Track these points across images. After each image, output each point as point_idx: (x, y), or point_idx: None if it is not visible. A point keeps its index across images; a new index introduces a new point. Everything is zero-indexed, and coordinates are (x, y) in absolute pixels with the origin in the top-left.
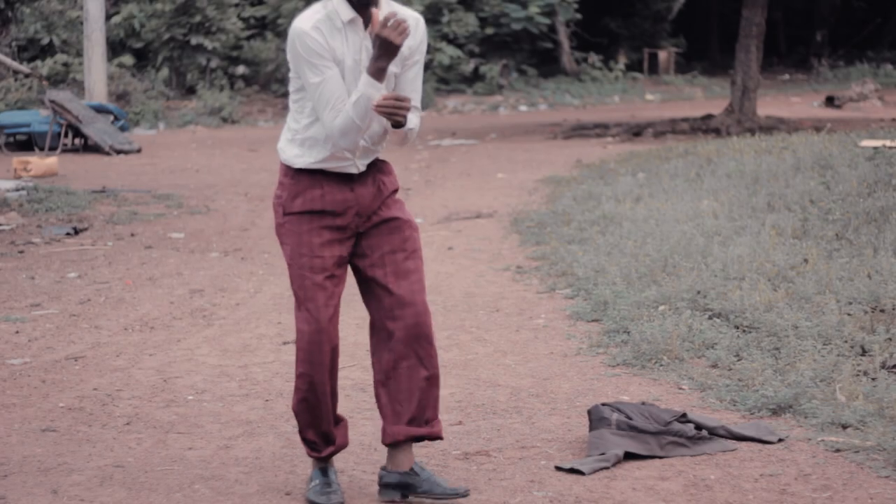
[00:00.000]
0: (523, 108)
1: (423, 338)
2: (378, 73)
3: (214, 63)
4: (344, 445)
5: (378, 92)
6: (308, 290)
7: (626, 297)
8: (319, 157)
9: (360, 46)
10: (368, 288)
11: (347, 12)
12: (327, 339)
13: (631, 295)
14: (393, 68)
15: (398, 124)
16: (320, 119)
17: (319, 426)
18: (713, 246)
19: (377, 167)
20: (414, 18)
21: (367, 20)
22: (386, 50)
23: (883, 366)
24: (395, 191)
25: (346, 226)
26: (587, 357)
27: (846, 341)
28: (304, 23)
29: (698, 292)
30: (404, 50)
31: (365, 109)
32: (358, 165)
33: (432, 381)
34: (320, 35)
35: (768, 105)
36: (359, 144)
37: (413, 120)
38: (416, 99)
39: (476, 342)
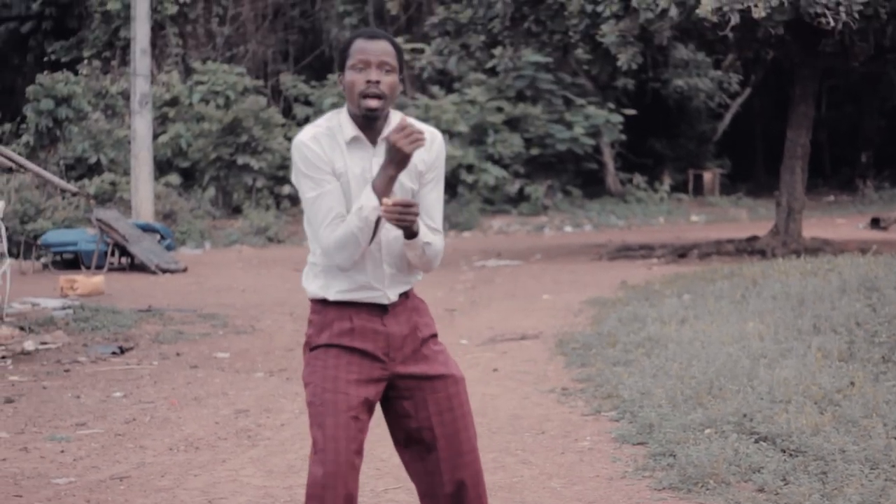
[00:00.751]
0: (568, 228)
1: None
2: (384, 183)
3: (260, 183)
4: None
5: (377, 210)
6: (328, 429)
7: (672, 419)
8: (344, 286)
9: (369, 161)
10: (415, 453)
11: (351, 130)
12: (343, 484)
13: (676, 418)
14: (409, 184)
15: (410, 234)
16: (316, 235)
17: None
18: (759, 368)
19: (412, 306)
20: (430, 133)
21: (373, 138)
22: (395, 157)
23: None
24: (434, 336)
25: (375, 368)
26: (633, 480)
27: (894, 466)
28: (303, 135)
29: (744, 415)
30: (418, 164)
31: (365, 221)
32: (388, 296)
33: None
34: (318, 146)
35: (813, 226)
36: (385, 272)
37: (430, 237)
38: (436, 220)
39: (521, 465)
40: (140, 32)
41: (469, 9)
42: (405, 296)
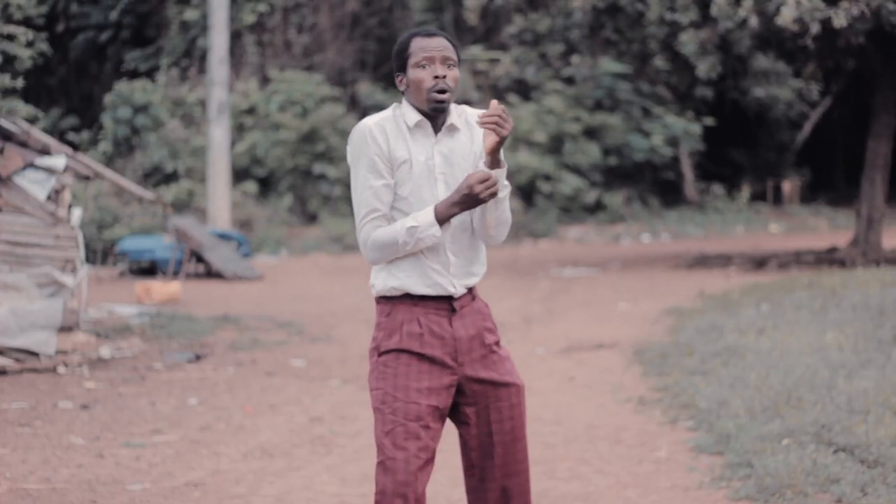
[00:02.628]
0: (646, 237)
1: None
2: (447, 216)
3: (337, 191)
4: None
5: (434, 237)
6: (397, 438)
7: (750, 430)
8: (408, 273)
9: (431, 150)
10: (471, 458)
11: (414, 115)
12: (413, 494)
13: (754, 428)
14: (472, 169)
15: (493, 195)
16: (356, 217)
17: None
18: (838, 379)
19: (478, 308)
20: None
21: (439, 126)
22: (468, 202)
23: None
24: (498, 342)
25: (445, 374)
26: (710, 491)
27: None
28: (369, 119)
29: (823, 426)
30: (476, 149)
31: (415, 241)
32: (455, 285)
33: None
34: (382, 134)
35: (894, 237)
36: (449, 259)
37: (503, 195)
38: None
39: (597, 474)
40: (217, 41)
41: (547, 18)
42: (471, 295)
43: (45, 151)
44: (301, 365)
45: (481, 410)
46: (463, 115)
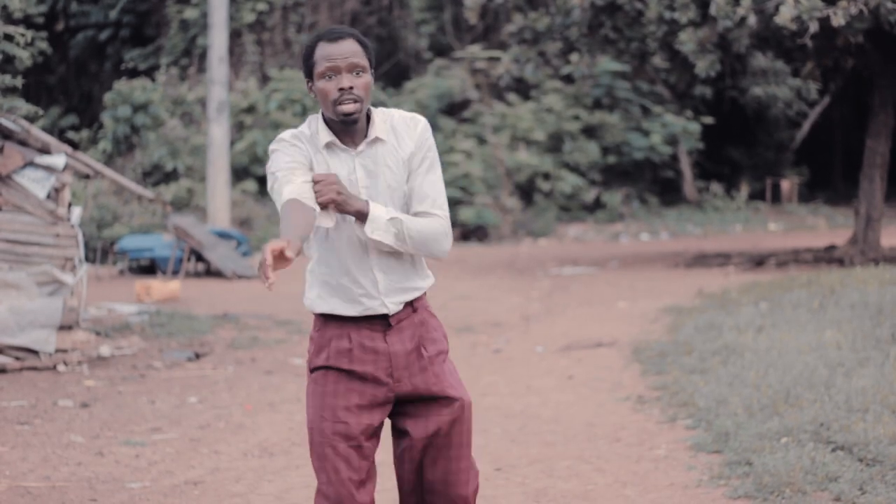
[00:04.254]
0: (645, 236)
1: None
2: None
3: None
4: None
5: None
6: (328, 461)
7: (748, 428)
8: (339, 300)
9: (352, 163)
10: (406, 473)
11: (326, 135)
12: None
13: (753, 426)
14: (393, 181)
15: (360, 216)
16: (274, 186)
17: None
18: (836, 377)
19: (420, 320)
20: (413, 118)
21: (355, 140)
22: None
23: None
24: (443, 354)
25: (379, 391)
26: (708, 489)
27: None
28: (284, 134)
29: (821, 424)
30: (400, 153)
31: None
32: (387, 305)
33: None
34: (301, 143)
35: (892, 235)
36: (376, 278)
37: (400, 215)
38: (436, 202)
39: (596, 472)
40: (217, 40)
41: (546, 16)
42: (411, 308)
43: (44, 150)
44: (300, 363)
45: (419, 425)
46: (388, 122)
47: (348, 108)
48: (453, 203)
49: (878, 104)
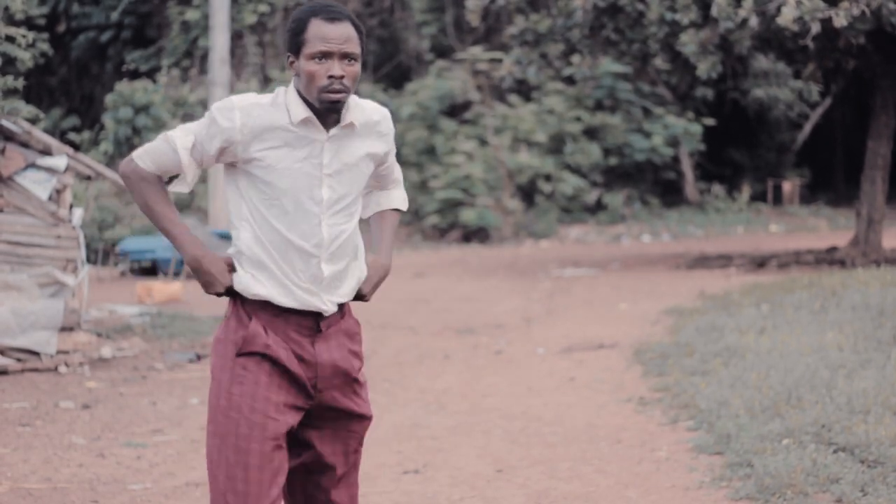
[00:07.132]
0: (646, 238)
1: None
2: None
3: None
4: None
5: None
6: (253, 457)
7: (750, 429)
8: (276, 288)
9: (319, 147)
10: (297, 484)
11: (302, 111)
12: None
13: (754, 428)
14: (369, 168)
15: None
16: (173, 145)
17: None
18: (838, 379)
19: (346, 328)
20: (379, 112)
21: (328, 122)
22: (196, 274)
23: None
24: (361, 368)
25: (300, 397)
26: (710, 490)
27: None
28: (239, 99)
29: (823, 426)
30: (377, 150)
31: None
32: (325, 303)
33: None
34: (246, 118)
35: (894, 237)
36: (322, 272)
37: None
38: (397, 176)
39: (597, 474)
40: (219, 42)
41: (548, 18)
42: (340, 313)
43: (46, 151)
44: None
45: (327, 438)
46: (361, 109)
47: (335, 97)
48: (454, 204)
49: (879, 106)
